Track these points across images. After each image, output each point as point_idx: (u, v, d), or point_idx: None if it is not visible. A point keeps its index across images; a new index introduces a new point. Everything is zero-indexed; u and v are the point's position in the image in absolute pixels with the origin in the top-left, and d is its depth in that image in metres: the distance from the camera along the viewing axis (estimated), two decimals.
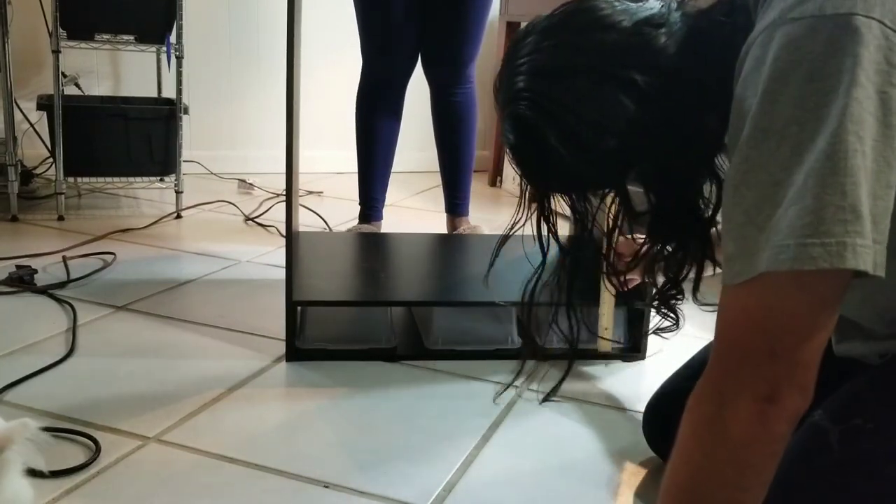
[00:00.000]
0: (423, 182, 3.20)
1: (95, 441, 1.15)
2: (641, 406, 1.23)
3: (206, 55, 3.16)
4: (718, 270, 0.79)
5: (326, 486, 1.09)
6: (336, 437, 1.23)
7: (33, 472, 0.88)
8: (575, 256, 0.95)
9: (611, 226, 0.95)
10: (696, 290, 0.96)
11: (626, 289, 1.06)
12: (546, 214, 0.93)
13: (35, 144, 2.81)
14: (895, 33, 0.66)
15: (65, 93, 2.46)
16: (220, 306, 1.76)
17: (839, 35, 0.65)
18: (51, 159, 2.55)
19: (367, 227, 2.26)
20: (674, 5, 0.82)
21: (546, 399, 1.28)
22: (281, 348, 1.52)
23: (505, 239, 0.99)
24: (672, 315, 1.03)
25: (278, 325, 1.54)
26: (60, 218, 2.41)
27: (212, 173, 3.14)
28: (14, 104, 2.41)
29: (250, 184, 2.99)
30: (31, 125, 2.77)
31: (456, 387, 1.44)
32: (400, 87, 2.19)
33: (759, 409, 0.67)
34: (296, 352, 1.50)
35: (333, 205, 2.83)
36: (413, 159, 3.15)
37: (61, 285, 1.81)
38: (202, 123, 3.15)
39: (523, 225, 0.94)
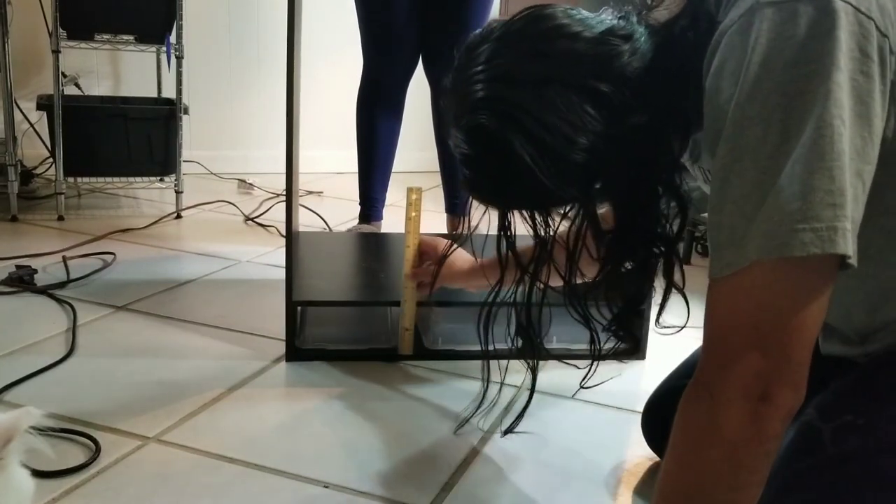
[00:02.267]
0: (423, 182, 3.18)
1: (95, 441, 1.15)
2: (641, 406, 1.23)
3: (206, 55, 3.16)
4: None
5: (326, 486, 1.09)
6: (336, 437, 1.23)
7: (34, 472, 0.88)
8: (533, 276, 0.92)
9: (573, 245, 0.89)
10: (660, 313, 0.93)
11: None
12: (505, 231, 0.89)
13: (35, 144, 2.81)
14: (868, 19, 0.66)
15: (65, 93, 2.46)
16: (220, 306, 1.76)
17: (820, 18, 0.65)
18: (51, 159, 2.55)
19: (367, 227, 2.26)
20: (635, 18, 0.80)
21: (509, 431, 1.22)
22: (281, 348, 1.52)
23: (444, 259, 0.98)
24: (631, 336, 0.98)
25: (278, 325, 1.54)
26: (60, 218, 2.41)
27: (212, 173, 3.14)
28: (14, 104, 2.41)
29: (250, 184, 2.99)
30: (31, 125, 2.77)
31: (456, 387, 1.44)
32: (400, 87, 2.19)
33: (752, 408, 0.66)
34: (296, 352, 1.50)
35: (333, 205, 2.83)
36: (413, 159, 3.15)
37: (61, 285, 1.81)
38: (202, 123, 3.16)
39: (498, 239, 0.90)
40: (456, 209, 2.28)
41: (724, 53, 0.70)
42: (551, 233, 0.88)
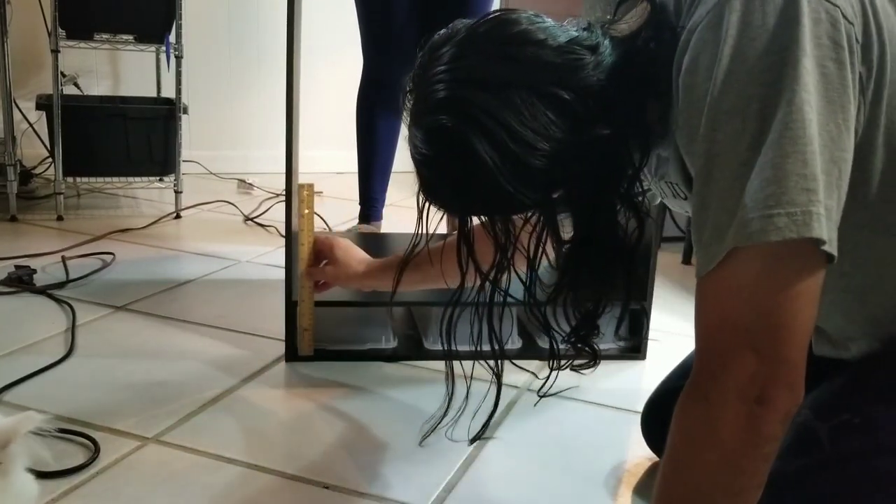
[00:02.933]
0: None
1: (95, 441, 1.15)
2: (641, 406, 1.23)
3: (206, 55, 3.16)
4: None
5: (326, 487, 1.09)
6: (336, 437, 1.23)
7: (33, 473, 0.88)
8: (494, 284, 0.91)
9: (532, 253, 0.88)
10: (619, 325, 0.92)
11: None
12: (466, 235, 0.88)
13: (34, 144, 2.81)
14: (833, 6, 0.66)
15: (64, 92, 2.46)
16: (220, 306, 1.76)
17: (785, 6, 0.65)
18: (50, 159, 2.55)
19: (367, 227, 2.25)
20: (599, 30, 0.79)
21: (475, 439, 1.20)
22: (281, 348, 1.51)
23: (406, 263, 0.97)
24: (589, 349, 0.97)
25: (278, 325, 1.54)
26: (59, 218, 2.41)
27: (211, 173, 3.14)
28: (13, 104, 2.41)
29: (250, 184, 2.99)
30: (31, 125, 2.77)
31: (456, 387, 1.43)
32: (400, 87, 2.18)
33: (748, 411, 0.65)
34: (296, 352, 1.49)
35: (333, 205, 2.83)
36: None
37: (60, 285, 1.81)
38: (202, 123, 3.15)
39: (458, 246, 0.89)
40: None
41: (696, 49, 0.70)
42: (511, 239, 0.86)
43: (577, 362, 1.00)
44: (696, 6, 0.74)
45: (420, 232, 0.90)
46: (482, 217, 0.85)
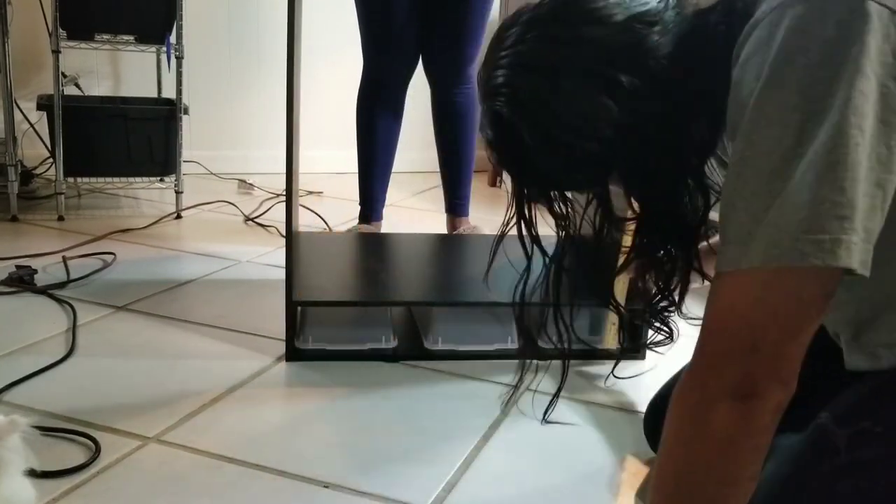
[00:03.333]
0: (423, 182, 3.20)
1: (95, 441, 1.15)
2: (642, 406, 1.23)
3: (206, 55, 3.16)
4: (706, 283, 0.77)
5: (326, 486, 1.09)
6: (336, 437, 1.23)
7: (34, 473, 0.88)
8: (557, 261, 0.92)
9: (596, 230, 0.89)
10: (680, 302, 0.93)
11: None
12: (528, 216, 0.89)
13: (35, 144, 2.81)
14: None
15: (65, 93, 2.46)
16: (220, 306, 1.76)
17: (850, 20, 0.63)
18: (51, 159, 2.55)
19: (367, 228, 2.26)
20: (671, 2, 0.78)
21: (546, 415, 1.24)
22: (281, 348, 1.51)
23: (501, 238, 0.97)
24: (665, 328, 0.99)
25: (278, 325, 1.54)
26: (60, 218, 2.41)
27: (212, 173, 3.14)
28: (14, 104, 2.41)
29: (250, 184, 2.99)
30: (31, 125, 2.77)
31: (456, 387, 1.44)
32: (400, 87, 2.19)
33: (742, 403, 0.66)
34: (296, 352, 1.50)
35: (333, 205, 2.83)
36: (413, 159, 3.15)
37: (61, 285, 1.81)
38: (202, 123, 3.15)
39: (518, 223, 0.90)
40: (455, 209, 2.28)
41: (751, 46, 0.69)
42: (570, 221, 0.88)
43: (652, 341, 1.03)
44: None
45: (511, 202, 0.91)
46: (541, 196, 0.87)
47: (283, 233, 2.19)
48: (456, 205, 2.28)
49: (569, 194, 0.88)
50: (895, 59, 0.63)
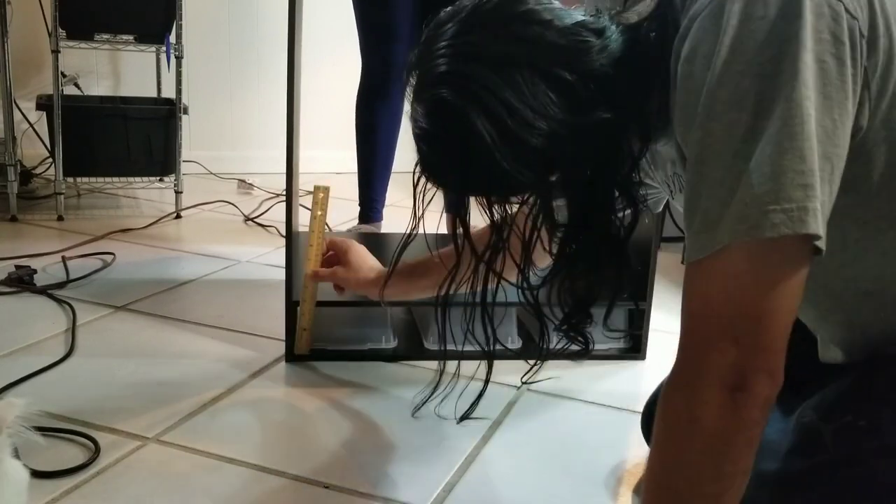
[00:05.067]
0: None
1: (95, 441, 1.15)
2: (641, 406, 1.23)
3: (206, 55, 3.16)
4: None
5: (326, 487, 1.09)
6: (336, 437, 1.23)
7: (34, 473, 0.88)
8: (490, 265, 0.91)
9: (528, 235, 0.88)
10: (607, 316, 0.92)
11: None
12: (463, 216, 0.88)
13: (34, 144, 2.81)
14: (837, 1, 0.66)
15: (64, 93, 2.46)
16: (220, 306, 1.76)
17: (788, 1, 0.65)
18: (50, 159, 2.55)
19: (367, 228, 2.25)
20: (607, 17, 0.79)
21: (463, 418, 1.19)
22: (281, 348, 1.51)
23: (406, 245, 0.97)
24: (580, 339, 0.97)
25: (278, 325, 1.54)
26: (60, 218, 2.41)
27: (211, 173, 3.14)
28: (13, 104, 2.41)
29: (250, 184, 2.99)
30: (31, 125, 2.77)
31: (456, 387, 1.43)
32: (399, 88, 2.18)
33: (730, 397, 0.66)
34: (295, 351, 1.49)
35: (333, 205, 2.83)
36: (413, 159, 3.15)
37: (61, 285, 1.81)
38: (202, 123, 3.15)
39: (452, 223, 0.89)
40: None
41: (696, 37, 0.70)
42: (507, 220, 0.87)
43: (569, 350, 0.99)
44: None
45: (417, 214, 0.92)
46: (479, 197, 0.85)
47: (283, 233, 2.19)
48: None
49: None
50: (831, 36, 0.65)
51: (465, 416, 1.20)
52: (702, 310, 0.68)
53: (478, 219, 0.91)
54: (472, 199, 0.87)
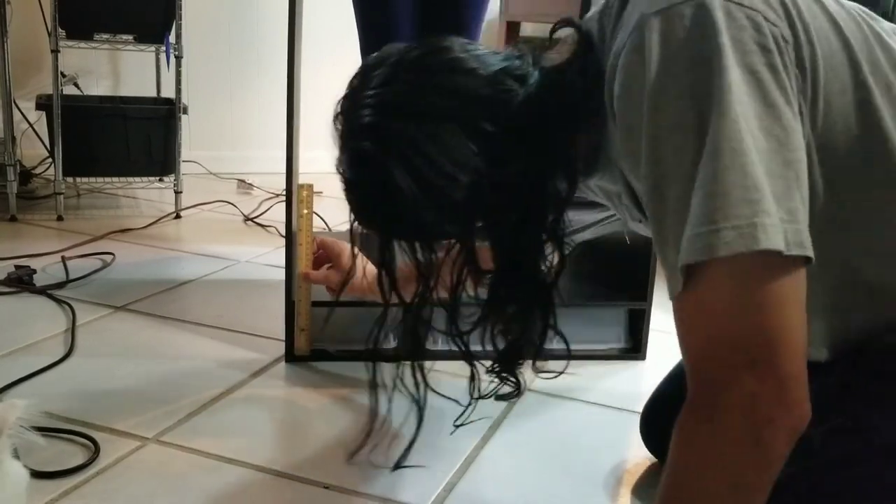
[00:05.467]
0: None
1: (94, 441, 1.15)
2: (641, 406, 1.23)
3: (206, 55, 3.16)
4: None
5: (326, 487, 1.09)
6: (336, 437, 1.23)
7: (33, 473, 0.88)
8: (417, 311, 0.91)
9: (454, 281, 0.88)
10: (535, 359, 0.92)
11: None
12: (387, 262, 0.87)
13: (34, 144, 2.81)
14: (753, 11, 0.65)
15: (64, 92, 2.45)
16: (220, 306, 1.76)
17: (700, 16, 0.65)
18: (50, 159, 2.55)
19: None
20: (530, 60, 0.79)
21: (397, 467, 1.14)
22: (281, 348, 1.51)
23: (343, 285, 0.96)
24: (512, 380, 0.96)
25: (278, 325, 1.54)
26: (59, 218, 2.41)
27: (211, 173, 3.14)
28: (13, 104, 2.41)
29: (250, 184, 2.99)
30: (31, 125, 2.77)
31: (456, 387, 1.43)
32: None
33: (756, 434, 0.63)
34: (295, 352, 1.49)
35: (333, 205, 2.83)
36: None
37: (60, 285, 1.81)
38: (201, 123, 3.15)
39: (379, 269, 0.89)
40: None
41: (625, 74, 0.69)
42: (432, 266, 0.86)
43: (501, 392, 1.02)
44: (617, 30, 0.73)
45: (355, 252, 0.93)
46: (404, 243, 0.85)
47: (283, 233, 2.19)
48: None
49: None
50: (756, 45, 0.65)
51: (398, 466, 1.17)
52: (705, 341, 0.65)
53: None
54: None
